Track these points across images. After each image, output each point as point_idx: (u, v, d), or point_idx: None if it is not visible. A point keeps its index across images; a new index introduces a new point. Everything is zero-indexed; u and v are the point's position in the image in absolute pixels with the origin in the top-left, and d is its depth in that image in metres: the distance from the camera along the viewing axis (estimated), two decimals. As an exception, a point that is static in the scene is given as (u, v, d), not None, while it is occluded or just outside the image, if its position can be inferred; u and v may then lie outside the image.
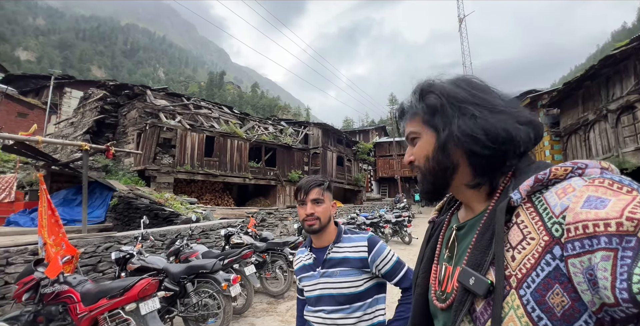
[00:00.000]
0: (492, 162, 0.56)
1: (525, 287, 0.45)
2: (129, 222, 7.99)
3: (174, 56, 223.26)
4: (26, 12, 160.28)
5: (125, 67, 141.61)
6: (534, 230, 0.47)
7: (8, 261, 3.68)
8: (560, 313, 0.42)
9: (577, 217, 0.41)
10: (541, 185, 0.49)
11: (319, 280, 1.28)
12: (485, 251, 0.51)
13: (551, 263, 0.43)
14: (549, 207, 0.46)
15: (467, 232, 0.60)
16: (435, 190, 0.63)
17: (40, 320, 2.95)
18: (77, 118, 15.97)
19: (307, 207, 1.29)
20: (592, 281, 0.39)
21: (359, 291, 1.24)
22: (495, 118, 0.56)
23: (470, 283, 0.51)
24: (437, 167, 0.60)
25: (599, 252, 0.38)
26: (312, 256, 1.35)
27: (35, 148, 7.07)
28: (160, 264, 3.77)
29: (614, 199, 0.40)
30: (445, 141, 0.58)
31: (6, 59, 62.16)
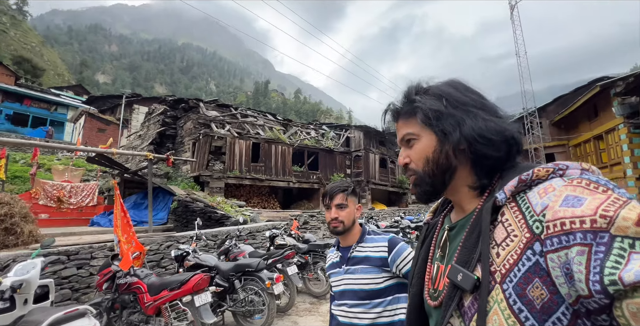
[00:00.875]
0: (497, 163, 0.58)
1: (508, 282, 0.47)
2: (186, 223, 8.79)
3: (224, 69, 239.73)
4: (103, 41, 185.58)
5: (182, 83, 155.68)
6: (517, 227, 0.49)
7: (92, 255, 4.34)
8: (539, 305, 0.44)
9: (556, 214, 0.43)
10: (525, 186, 0.52)
11: (343, 276, 1.39)
12: (473, 249, 0.54)
13: (532, 259, 0.46)
14: (531, 206, 0.49)
15: (458, 231, 0.62)
16: (434, 192, 0.64)
17: (117, 306, 3.44)
18: (144, 131, 18.02)
19: (332, 211, 1.41)
20: (569, 275, 0.41)
21: (379, 288, 1.32)
22: (501, 121, 0.58)
23: (458, 279, 0.53)
24: (437, 168, 0.61)
25: (575, 247, 0.40)
26: (338, 254, 1.47)
27: (112, 159, 8.18)
28: (212, 262, 4.13)
29: (589, 198, 0.42)
30: (454, 143, 0.58)
31: (89, 83, 72.44)
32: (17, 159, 15.59)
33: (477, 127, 0.57)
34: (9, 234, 5.35)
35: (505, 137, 0.57)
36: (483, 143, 0.57)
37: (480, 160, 0.59)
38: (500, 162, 0.58)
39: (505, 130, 0.57)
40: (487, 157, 0.58)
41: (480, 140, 0.57)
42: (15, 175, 13.05)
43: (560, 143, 18.09)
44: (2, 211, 5.41)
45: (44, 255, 3.59)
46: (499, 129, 0.57)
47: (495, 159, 0.58)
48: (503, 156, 0.58)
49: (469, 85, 0.65)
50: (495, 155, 0.57)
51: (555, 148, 18.35)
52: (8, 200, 5.70)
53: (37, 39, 63.49)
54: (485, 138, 0.56)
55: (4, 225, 5.35)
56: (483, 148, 0.57)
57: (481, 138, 0.57)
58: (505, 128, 0.57)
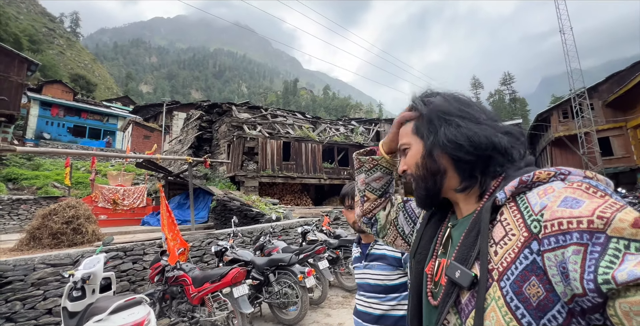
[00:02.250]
0: (475, 166, 0.61)
1: (505, 279, 0.48)
2: (225, 221, 9.35)
3: (254, 71, 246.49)
4: (144, 53, 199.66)
5: (216, 87, 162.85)
6: (515, 226, 0.50)
7: (144, 251, 4.84)
8: (535, 303, 0.45)
9: (554, 214, 0.44)
10: (525, 187, 0.53)
11: (363, 271, 1.51)
12: (472, 247, 0.55)
13: (529, 257, 0.47)
14: (529, 206, 0.50)
15: (459, 229, 0.63)
16: (429, 196, 0.67)
17: (167, 297, 3.83)
18: (183, 136, 19.27)
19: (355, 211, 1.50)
20: (565, 273, 0.42)
21: (394, 284, 1.41)
22: (478, 128, 0.61)
23: (456, 276, 0.54)
24: (427, 172, 0.65)
25: (571, 247, 0.41)
26: (359, 250, 1.59)
27: (157, 163, 8.93)
28: (248, 257, 4.41)
29: (587, 201, 0.43)
30: (431, 147, 0.64)
31: (134, 94, 78.58)
32: (78, 167, 17.52)
33: (450, 133, 0.61)
34: (77, 233, 6.14)
35: (476, 142, 0.59)
36: (453, 147, 0.61)
37: (458, 163, 0.62)
38: (481, 165, 0.61)
39: (477, 136, 0.60)
40: (461, 160, 0.61)
41: (449, 144, 0.61)
42: (78, 181, 14.70)
43: (617, 125, 16.32)
44: (70, 213, 6.21)
45: (105, 251, 4.09)
46: (469, 134, 0.60)
47: (471, 162, 0.61)
48: (480, 160, 0.60)
49: (461, 96, 0.69)
50: (467, 159, 0.60)
51: (610, 131, 16.60)
52: (74, 203, 6.52)
53: (89, 57, 70.07)
54: (454, 143, 0.60)
55: (72, 225, 6.13)
56: (454, 152, 0.61)
57: (450, 143, 0.61)
58: (479, 134, 0.60)
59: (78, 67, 58.58)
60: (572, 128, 18.07)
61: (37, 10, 67.49)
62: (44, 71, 40.51)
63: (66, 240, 5.94)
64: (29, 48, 42.20)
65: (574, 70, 17.10)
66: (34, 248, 5.71)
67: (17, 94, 17.56)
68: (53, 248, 5.71)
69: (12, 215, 10.18)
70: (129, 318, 2.43)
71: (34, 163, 16.23)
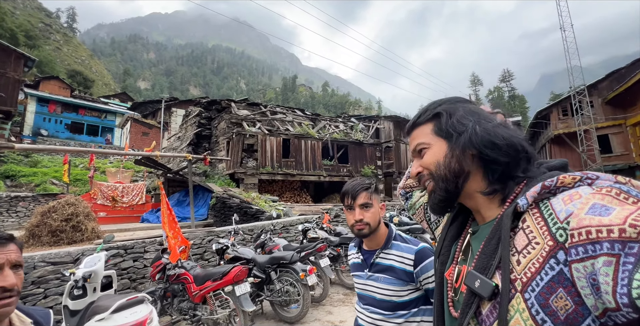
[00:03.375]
0: (507, 169, 0.58)
1: (530, 291, 0.46)
2: (225, 219, 9.34)
3: (252, 67, 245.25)
4: (142, 49, 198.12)
5: (215, 83, 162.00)
6: (539, 235, 0.48)
7: (145, 249, 4.83)
8: (563, 317, 0.42)
9: (581, 222, 0.42)
10: (548, 192, 0.50)
11: (366, 281, 1.30)
12: (492, 256, 0.52)
13: (555, 268, 0.44)
14: (554, 213, 0.47)
15: (479, 236, 0.61)
16: (448, 199, 0.63)
17: (168, 295, 3.83)
18: (182, 133, 19.19)
19: (355, 212, 1.27)
20: (595, 286, 0.39)
21: (403, 300, 1.22)
22: (507, 130, 0.59)
23: (475, 286, 0.52)
24: (449, 173, 0.61)
25: (602, 257, 0.39)
26: (360, 257, 1.36)
27: (156, 160, 8.88)
28: (249, 255, 4.40)
29: (618, 208, 0.41)
30: (462, 146, 0.59)
31: (132, 90, 78.04)
32: (77, 164, 17.44)
33: (485, 132, 0.58)
34: (76, 231, 6.11)
35: (512, 143, 0.57)
36: (490, 148, 0.57)
37: (489, 165, 0.59)
38: (511, 168, 0.58)
39: (512, 137, 0.58)
40: (495, 162, 0.58)
41: (487, 144, 0.57)
42: (77, 178, 14.63)
43: (616, 123, 16.34)
44: (69, 211, 6.18)
45: (106, 249, 4.08)
46: (506, 135, 0.57)
47: (504, 165, 0.58)
48: (512, 162, 0.58)
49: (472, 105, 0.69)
50: (503, 160, 0.57)
51: (609, 129, 16.62)
52: (73, 201, 6.48)
53: (86, 53, 69.43)
54: (492, 143, 0.57)
55: (72, 223, 6.11)
56: (490, 153, 0.57)
57: (488, 143, 0.57)
58: (512, 135, 0.58)
59: (75, 63, 58.07)
60: (571, 125, 18.08)
61: (33, 6, 66.69)
62: (41, 67, 40.13)
63: (66, 238, 5.92)
64: (26, 44, 41.77)
65: (574, 67, 17.08)
66: (33, 246, 5.69)
67: (14, 90, 17.39)
68: (52, 246, 5.68)
69: (11, 213, 10.14)
70: (131, 317, 2.41)
71: (32, 160, 16.13)
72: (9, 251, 0.84)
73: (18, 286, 0.83)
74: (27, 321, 0.90)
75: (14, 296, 0.81)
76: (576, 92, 17.16)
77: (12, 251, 0.85)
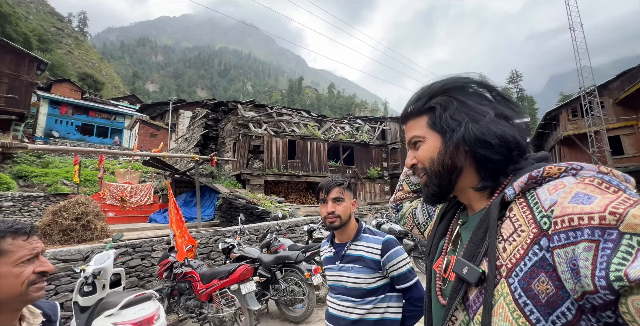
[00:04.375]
0: (499, 166, 0.58)
1: (514, 276, 0.48)
2: (231, 219, 9.41)
3: (258, 69, 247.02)
4: (150, 52, 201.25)
5: (221, 86, 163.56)
6: (524, 223, 0.49)
7: (152, 248, 4.90)
8: (544, 300, 0.44)
9: (564, 210, 0.43)
10: (535, 183, 0.52)
11: (337, 273, 1.40)
12: (480, 244, 0.54)
13: (538, 254, 0.46)
14: (539, 202, 0.49)
15: (469, 226, 0.63)
16: (440, 193, 0.64)
17: (175, 293, 3.87)
18: (189, 134, 19.40)
19: (328, 205, 1.40)
20: (575, 270, 0.41)
21: (371, 287, 1.33)
22: (502, 124, 0.58)
23: (463, 273, 0.54)
24: (443, 169, 0.61)
25: (582, 243, 0.40)
26: (332, 250, 1.47)
27: (163, 161, 9.00)
28: (255, 254, 4.43)
29: (600, 197, 0.42)
30: (455, 144, 0.59)
31: (140, 92, 79.33)
32: (87, 165, 17.76)
33: (479, 131, 0.57)
34: (86, 230, 6.23)
35: (507, 141, 0.57)
36: (483, 146, 0.57)
37: (482, 162, 0.59)
38: (503, 165, 0.58)
39: (506, 135, 0.57)
40: (488, 159, 0.58)
41: (480, 143, 0.57)
42: (87, 179, 14.90)
43: (628, 124, 16.02)
44: (79, 210, 6.31)
45: (114, 247, 4.15)
46: (500, 133, 0.57)
47: (497, 162, 0.58)
48: (504, 159, 0.58)
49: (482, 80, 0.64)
50: (496, 158, 0.57)
51: (620, 130, 16.31)
52: (84, 201, 6.61)
53: (96, 56, 70.83)
54: (485, 142, 0.57)
55: (82, 222, 6.23)
56: (483, 151, 0.57)
57: (482, 142, 0.57)
58: (507, 133, 0.57)
59: (86, 66, 59.26)
60: (581, 126, 17.78)
61: (46, 10, 68.35)
62: (53, 70, 41.06)
63: (76, 237, 6.04)
64: (38, 47, 42.79)
65: (584, 68, 16.81)
66: (45, 244, 5.81)
67: (27, 93, 17.82)
68: (63, 244, 5.80)
69: (23, 212, 10.36)
70: (139, 313, 2.46)
71: (43, 161, 16.49)
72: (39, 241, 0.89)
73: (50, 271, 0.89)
74: (36, 312, 0.94)
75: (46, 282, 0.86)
76: (586, 93, 16.88)
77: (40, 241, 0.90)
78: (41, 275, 0.85)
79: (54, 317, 0.99)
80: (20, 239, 0.84)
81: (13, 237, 0.83)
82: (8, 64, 17.01)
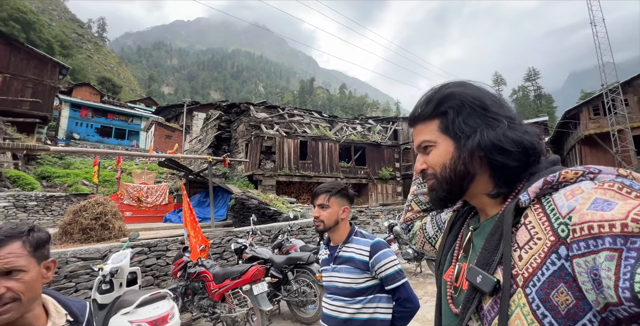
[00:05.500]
0: (516, 172, 0.57)
1: (531, 286, 0.46)
2: (243, 219, 9.51)
3: (270, 71, 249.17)
4: (165, 56, 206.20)
5: (234, 87, 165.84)
6: (541, 230, 0.48)
7: (167, 248, 5.00)
8: (564, 311, 0.42)
9: (583, 217, 0.41)
10: (550, 188, 0.50)
11: (331, 273, 1.49)
12: (494, 251, 0.52)
13: (556, 263, 0.44)
14: (556, 208, 0.47)
15: (481, 232, 0.61)
16: (450, 198, 0.63)
17: (189, 292, 3.94)
18: (203, 136, 19.75)
19: (314, 210, 1.53)
20: (597, 281, 0.39)
21: (360, 287, 1.40)
22: (519, 130, 0.57)
23: (477, 281, 0.52)
24: (455, 176, 0.59)
25: (603, 252, 0.38)
26: (327, 252, 1.58)
27: (178, 162, 9.20)
28: (267, 255, 4.46)
29: (621, 203, 0.40)
30: (470, 150, 0.58)
31: (156, 95, 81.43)
32: (105, 166, 18.33)
33: (495, 137, 0.56)
34: (105, 229, 6.43)
35: (524, 147, 0.55)
36: (500, 153, 0.55)
37: (498, 168, 0.57)
38: (519, 171, 0.57)
39: (524, 140, 0.55)
40: (504, 166, 0.56)
41: (497, 149, 0.55)
42: (105, 179, 15.39)
43: (654, 122, 15.29)
44: (98, 210, 6.51)
45: (131, 246, 4.26)
46: (517, 139, 0.55)
47: (513, 169, 0.56)
48: (521, 166, 0.56)
49: (490, 90, 0.63)
50: (512, 165, 0.56)
51: (647, 129, 15.58)
52: (102, 200, 6.83)
53: (115, 60, 73.14)
54: (502, 149, 0.55)
55: (101, 221, 6.43)
56: (500, 157, 0.55)
57: (499, 149, 0.55)
58: (524, 139, 0.56)
59: (104, 70, 61.30)
60: (604, 125, 17.08)
61: (68, 17, 71.13)
62: (74, 74, 42.65)
63: (95, 235, 6.24)
64: (60, 53, 44.54)
65: (606, 64, 16.17)
66: (66, 242, 6.04)
67: (50, 97, 18.58)
68: (83, 242, 6.01)
69: (46, 211, 10.79)
70: (154, 311, 2.51)
71: (65, 162, 17.13)
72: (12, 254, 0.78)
73: (16, 292, 0.76)
74: (62, 312, 0.92)
75: (9, 303, 0.75)
76: (609, 90, 16.22)
77: (1, 258, 0.77)
78: None
79: (81, 318, 0.97)
80: None
81: None
82: (32, 70, 17.80)
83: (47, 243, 0.91)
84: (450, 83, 0.64)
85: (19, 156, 14.02)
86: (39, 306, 0.88)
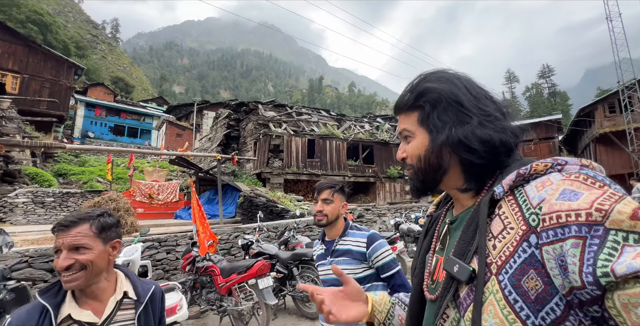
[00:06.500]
0: (484, 169, 0.59)
1: (503, 273, 0.48)
2: (251, 217, 9.65)
3: (279, 70, 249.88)
4: (176, 56, 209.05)
5: (243, 86, 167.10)
6: (513, 220, 0.50)
7: (177, 243, 5.15)
8: (534, 296, 0.45)
9: (552, 207, 0.44)
10: (523, 180, 0.52)
11: (329, 267, 1.53)
12: (470, 242, 0.54)
13: (527, 251, 0.46)
14: (527, 199, 0.49)
15: (458, 225, 0.62)
16: (425, 188, 0.65)
17: (197, 286, 4.06)
18: (212, 134, 20.04)
19: (317, 204, 1.59)
20: (563, 266, 0.42)
21: (358, 277, 1.47)
22: (491, 128, 0.57)
23: (454, 271, 0.54)
24: (429, 168, 0.62)
25: (570, 240, 0.41)
26: (323, 247, 1.64)
27: (188, 160, 9.39)
28: (273, 251, 4.55)
29: (586, 193, 0.43)
30: (440, 145, 0.59)
31: (167, 94, 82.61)
32: (118, 163, 18.79)
33: (462, 134, 0.57)
34: (118, 224, 6.64)
35: (492, 146, 0.56)
36: (466, 150, 0.57)
37: (465, 165, 0.59)
38: (488, 168, 0.58)
39: (492, 139, 0.56)
40: (471, 163, 0.58)
41: (463, 147, 0.57)
42: (118, 177, 15.78)
43: (673, 120, 14.77)
44: (112, 206, 6.73)
45: (142, 241, 4.41)
46: (485, 138, 0.56)
47: (480, 165, 0.58)
48: (488, 163, 0.58)
49: (475, 81, 0.63)
50: (478, 163, 0.57)
51: (665, 127, 15.06)
52: (115, 197, 7.04)
53: (127, 61, 74.63)
54: (467, 146, 0.56)
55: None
56: (465, 155, 0.57)
57: (464, 145, 0.57)
58: (493, 136, 0.56)
59: (118, 70, 62.64)
60: (619, 123, 16.58)
61: (82, 19, 72.90)
62: (88, 74, 43.74)
63: (108, 231, 6.45)
64: (76, 54, 45.73)
65: (623, 60, 15.67)
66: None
67: (66, 96, 19.14)
68: (97, 237, 6.21)
69: (63, 207, 11.17)
70: (163, 302, 2.62)
71: (80, 160, 17.64)
72: (68, 236, 0.94)
73: (82, 262, 0.93)
74: (123, 289, 1.05)
75: (77, 272, 0.93)
76: (625, 87, 15.73)
77: (71, 235, 0.95)
78: (60, 268, 0.92)
79: (142, 298, 1.06)
80: (57, 234, 0.97)
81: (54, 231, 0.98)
82: (49, 70, 18.37)
83: (114, 226, 1.06)
84: (432, 74, 0.64)
85: (37, 154, 14.53)
86: (106, 281, 1.02)
